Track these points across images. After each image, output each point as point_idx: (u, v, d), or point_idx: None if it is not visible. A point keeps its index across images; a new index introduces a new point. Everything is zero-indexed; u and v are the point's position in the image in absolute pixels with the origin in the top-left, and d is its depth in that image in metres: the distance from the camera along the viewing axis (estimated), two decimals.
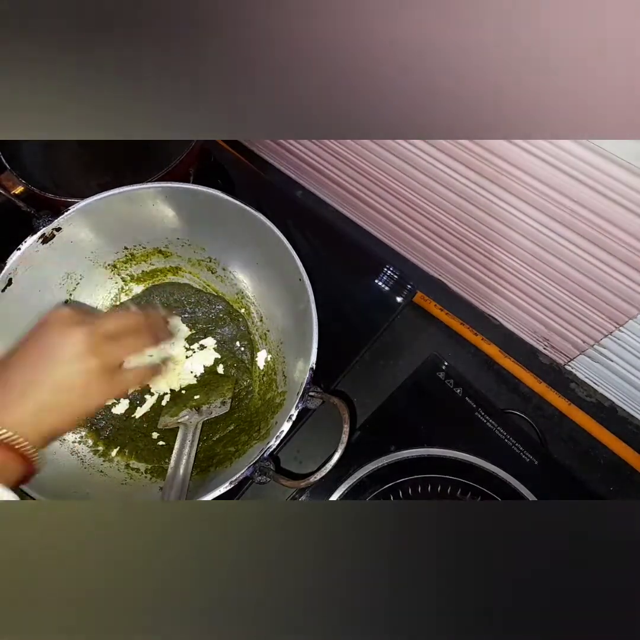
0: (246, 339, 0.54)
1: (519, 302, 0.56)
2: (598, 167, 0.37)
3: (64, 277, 0.49)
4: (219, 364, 0.53)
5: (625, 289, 0.43)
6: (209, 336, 0.54)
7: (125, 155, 0.61)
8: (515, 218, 0.46)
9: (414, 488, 0.49)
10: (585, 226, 0.41)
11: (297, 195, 0.69)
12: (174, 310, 0.54)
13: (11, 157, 0.53)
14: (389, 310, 0.56)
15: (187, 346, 0.53)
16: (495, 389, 0.57)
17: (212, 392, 0.50)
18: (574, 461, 0.53)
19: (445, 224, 0.54)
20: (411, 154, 0.50)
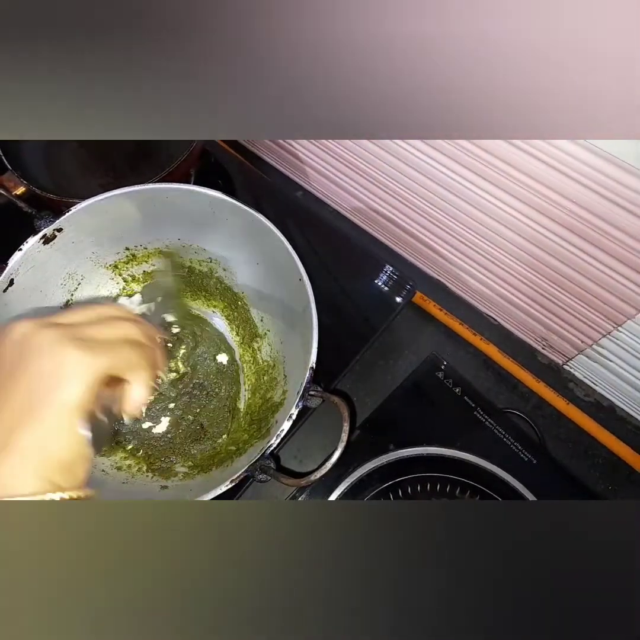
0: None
1: (517, 302, 0.56)
2: (594, 166, 0.37)
3: (66, 277, 0.50)
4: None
5: (623, 289, 0.43)
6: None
7: (126, 156, 0.61)
8: (513, 219, 0.47)
9: (413, 487, 0.49)
10: (583, 227, 0.41)
11: (297, 196, 0.70)
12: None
13: (12, 158, 0.53)
14: (389, 310, 0.56)
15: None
16: (494, 388, 0.57)
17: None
18: (572, 460, 0.53)
19: (443, 224, 0.55)
20: (410, 155, 0.50)
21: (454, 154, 0.46)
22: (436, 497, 0.49)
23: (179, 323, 0.54)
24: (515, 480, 0.49)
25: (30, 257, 0.45)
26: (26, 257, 0.44)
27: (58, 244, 0.46)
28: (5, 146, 0.53)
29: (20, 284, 0.45)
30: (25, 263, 0.45)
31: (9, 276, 0.44)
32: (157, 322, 0.52)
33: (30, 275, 0.45)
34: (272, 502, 0.50)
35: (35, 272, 0.46)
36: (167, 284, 0.54)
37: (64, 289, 0.50)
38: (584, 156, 0.37)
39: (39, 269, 0.46)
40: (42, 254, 0.46)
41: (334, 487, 0.49)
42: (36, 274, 0.46)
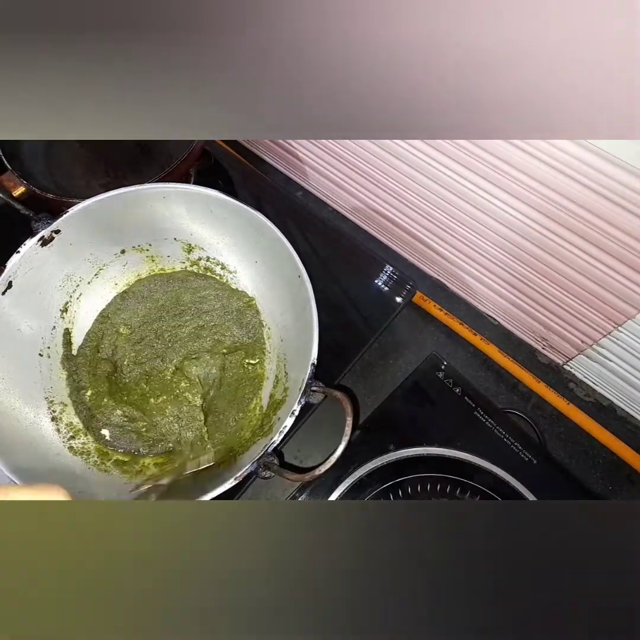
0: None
1: (517, 302, 0.56)
2: (594, 166, 0.37)
3: (64, 279, 0.50)
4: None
5: (623, 289, 0.43)
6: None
7: (126, 156, 0.61)
8: (513, 218, 0.46)
9: (413, 487, 0.49)
10: (583, 226, 0.41)
11: (297, 196, 0.70)
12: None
13: (12, 158, 0.53)
14: (389, 311, 0.56)
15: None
16: (494, 388, 0.57)
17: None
18: (572, 460, 0.53)
19: (444, 224, 0.55)
20: (410, 155, 0.50)
21: (454, 154, 0.46)
22: (436, 497, 0.49)
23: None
24: (515, 480, 0.49)
25: (28, 259, 0.45)
26: (24, 260, 0.44)
27: (56, 245, 0.46)
28: (5, 146, 0.53)
29: (18, 286, 0.45)
30: (23, 265, 0.45)
31: (7, 278, 0.44)
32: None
33: (28, 278, 0.45)
34: (273, 502, 0.50)
35: (33, 274, 0.46)
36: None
37: (62, 290, 0.50)
38: (584, 156, 0.37)
39: (37, 271, 0.46)
40: (40, 256, 0.46)
41: (334, 487, 0.49)
42: (34, 276, 0.46)
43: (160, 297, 0.55)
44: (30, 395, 0.46)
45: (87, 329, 0.52)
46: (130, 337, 0.53)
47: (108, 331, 0.53)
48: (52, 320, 0.49)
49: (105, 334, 0.53)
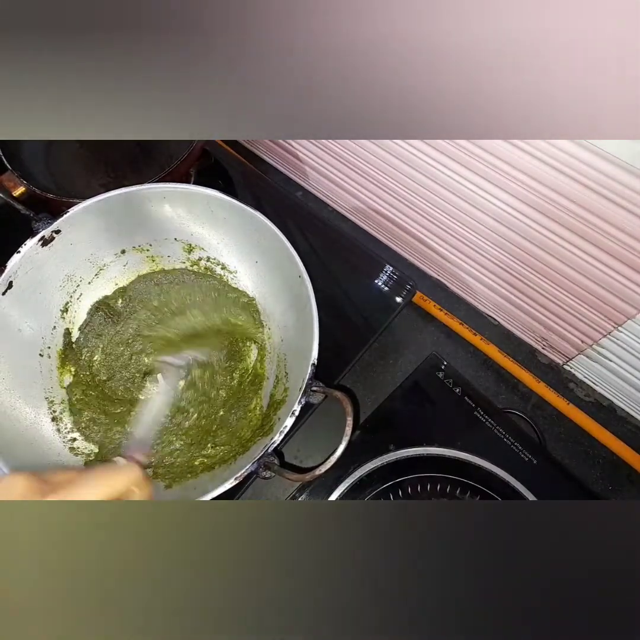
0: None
1: (518, 302, 0.56)
2: (594, 166, 0.37)
3: (65, 279, 0.50)
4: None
5: (623, 289, 0.43)
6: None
7: (126, 156, 0.61)
8: (513, 218, 0.46)
9: (413, 487, 0.49)
10: (583, 226, 0.41)
11: (297, 196, 0.70)
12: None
13: (12, 158, 0.53)
14: (389, 310, 0.56)
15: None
16: (494, 388, 0.57)
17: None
18: (572, 460, 0.53)
19: (444, 223, 0.55)
20: (410, 155, 0.50)
21: (454, 153, 0.46)
22: (436, 497, 0.49)
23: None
24: (515, 480, 0.49)
25: (29, 259, 0.45)
26: (24, 260, 0.44)
27: (56, 245, 0.46)
28: (5, 146, 0.53)
29: (18, 286, 0.45)
30: (23, 265, 0.45)
31: (8, 278, 0.44)
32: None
33: (28, 278, 0.45)
34: (273, 502, 0.50)
35: (33, 275, 0.46)
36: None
37: (63, 291, 0.50)
38: (584, 156, 0.37)
39: (38, 271, 0.46)
40: (40, 256, 0.46)
41: (334, 488, 0.49)
42: (35, 276, 0.46)
43: (161, 297, 0.54)
44: (31, 395, 0.46)
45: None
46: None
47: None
48: (52, 321, 0.50)
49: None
